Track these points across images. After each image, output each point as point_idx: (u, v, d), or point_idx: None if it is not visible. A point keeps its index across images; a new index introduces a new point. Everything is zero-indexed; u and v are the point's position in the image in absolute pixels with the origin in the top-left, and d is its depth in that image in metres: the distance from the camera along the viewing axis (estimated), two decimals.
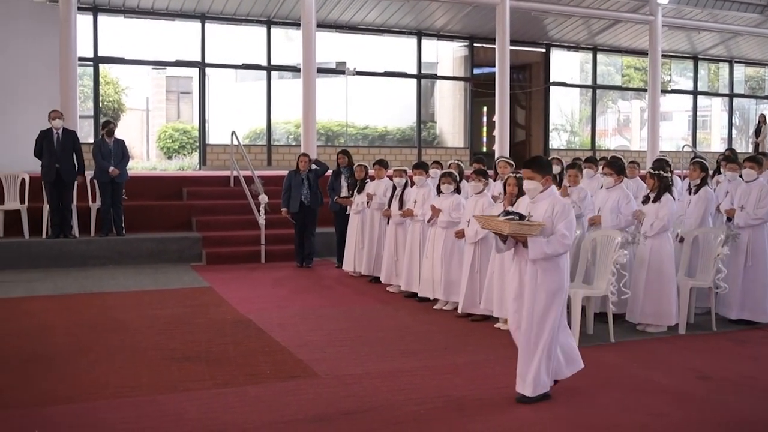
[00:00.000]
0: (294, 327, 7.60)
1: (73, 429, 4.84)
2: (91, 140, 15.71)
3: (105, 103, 20.48)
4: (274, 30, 18.73)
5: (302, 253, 11.34)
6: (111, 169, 11.39)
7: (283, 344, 6.86)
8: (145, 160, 21.66)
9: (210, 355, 6.50)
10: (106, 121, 12.41)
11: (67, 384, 5.71)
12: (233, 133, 14.06)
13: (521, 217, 5.34)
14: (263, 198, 11.72)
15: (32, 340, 7.01)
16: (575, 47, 22.37)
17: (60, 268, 10.91)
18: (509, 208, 5.58)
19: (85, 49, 16.37)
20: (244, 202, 12.39)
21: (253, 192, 12.12)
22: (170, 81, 24.75)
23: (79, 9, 14.84)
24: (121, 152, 11.64)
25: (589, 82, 22.85)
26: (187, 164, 19.22)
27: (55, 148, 11.06)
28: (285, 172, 11.93)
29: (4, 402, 5.30)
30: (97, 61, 17.34)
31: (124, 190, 11.76)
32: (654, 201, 7.53)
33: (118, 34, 18.10)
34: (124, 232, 11.61)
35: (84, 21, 16.24)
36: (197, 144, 18.98)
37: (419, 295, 8.77)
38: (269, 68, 18.72)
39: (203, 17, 17.86)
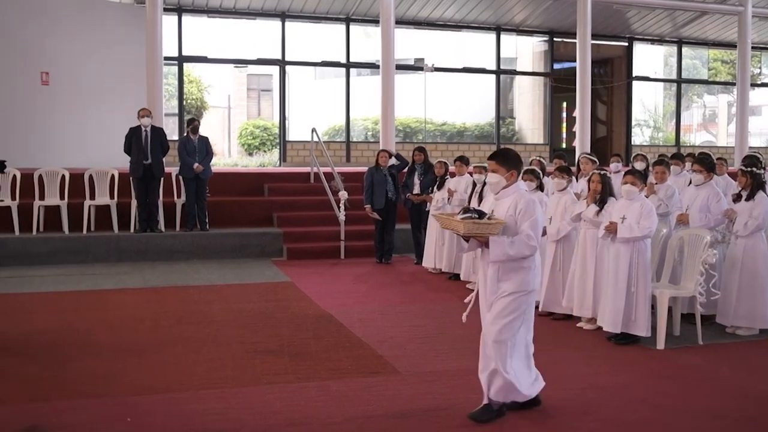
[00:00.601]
0: (374, 323, 7.64)
1: (162, 418, 4.97)
2: (176, 137, 16.15)
3: (188, 101, 21.01)
4: (353, 27, 18.87)
5: (382, 249, 11.39)
6: (195, 165, 11.66)
7: (364, 340, 6.90)
8: (227, 156, 22.15)
9: (292, 350, 6.59)
10: (191, 118, 12.72)
11: (156, 374, 5.87)
12: (313, 130, 14.21)
13: (481, 215, 4.91)
14: (343, 194, 11.82)
15: (122, 331, 7.24)
16: (659, 40, 21.79)
17: (147, 261, 11.24)
18: (470, 206, 5.18)
19: (169, 49, 16.80)
20: (323, 198, 12.52)
21: (333, 188, 12.24)
22: (251, 79, 25.25)
23: (165, 10, 15.24)
24: (205, 149, 11.90)
25: (674, 76, 22.23)
26: (268, 161, 19.56)
27: (144, 145, 11.39)
28: (363, 169, 11.99)
29: (97, 390, 5.49)
30: (181, 60, 17.80)
31: (207, 186, 12.01)
32: (747, 199, 7.25)
33: (202, 33, 18.54)
34: (207, 227, 11.88)
35: (169, 21, 16.67)
36: (277, 141, 19.28)
37: None
38: (348, 65, 18.86)
39: (283, 16, 18.12)
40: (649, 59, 22.42)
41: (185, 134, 12.22)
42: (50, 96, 16.09)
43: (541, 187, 8.43)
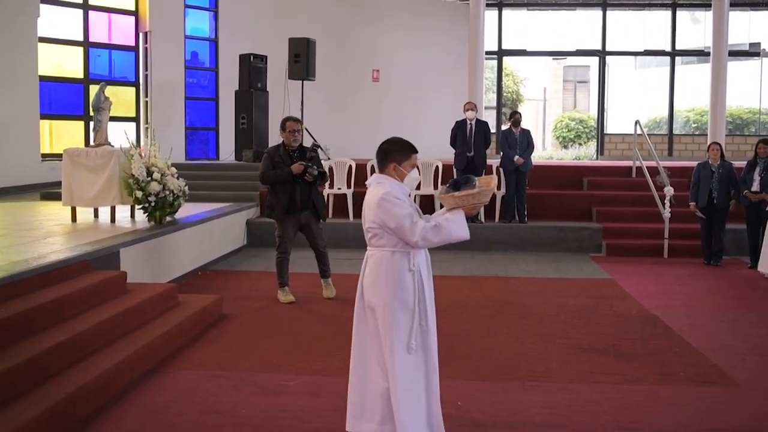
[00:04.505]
0: (705, 328, 7.18)
1: (490, 406, 5.09)
2: (493, 131, 16.50)
3: (504, 93, 21.36)
4: (679, 13, 17.84)
5: (709, 249, 10.64)
6: (516, 157, 11.79)
7: (695, 346, 6.52)
8: (541, 149, 22.21)
9: (617, 349, 6.42)
10: (513, 111, 12.90)
11: (483, 361, 6.05)
12: (637, 122, 13.66)
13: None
14: (669, 190, 11.21)
15: (449, 317, 7.49)
16: None
17: (467, 251, 11.57)
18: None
19: (490, 43, 17.19)
20: (646, 193, 12.01)
21: (657, 183, 11.67)
22: (567, 71, 25.01)
23: (486, 5, 15.60)
24: (526, 142, 11.98)
25: None
26: (583, 154, 19.23)
27: (468, 137, 11.75)
28: (687, 163, 11.29)
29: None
30: (501, 54, 18.13)
31: (527, 179, 12.08)
32: None
33: (521, 26, 18.73)
34: (526, 219, 11.95)
35: (490, 16, 17.05)
36: (593, 133, 18.89)
37: None
38: (673, 53, 17.88)
39: (605, 4, 17.66)
40: None
41: (507, 127, 12.40)
42: (379, 91, 17.33)
43: None
